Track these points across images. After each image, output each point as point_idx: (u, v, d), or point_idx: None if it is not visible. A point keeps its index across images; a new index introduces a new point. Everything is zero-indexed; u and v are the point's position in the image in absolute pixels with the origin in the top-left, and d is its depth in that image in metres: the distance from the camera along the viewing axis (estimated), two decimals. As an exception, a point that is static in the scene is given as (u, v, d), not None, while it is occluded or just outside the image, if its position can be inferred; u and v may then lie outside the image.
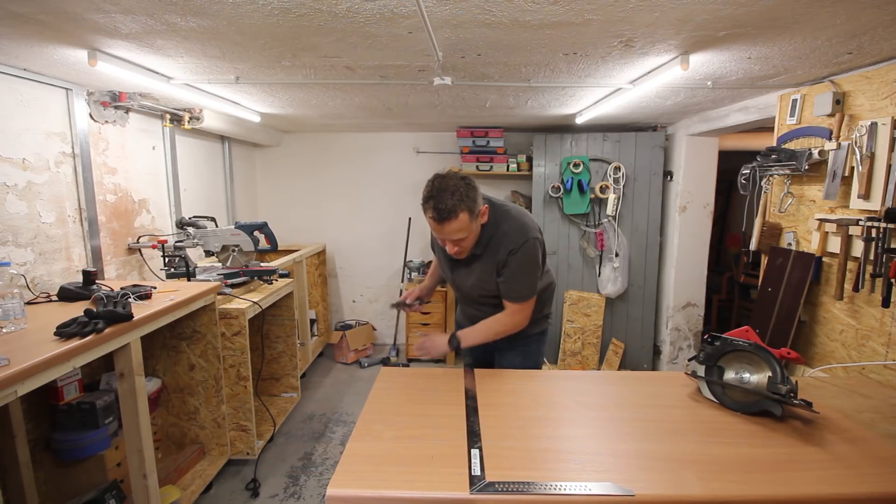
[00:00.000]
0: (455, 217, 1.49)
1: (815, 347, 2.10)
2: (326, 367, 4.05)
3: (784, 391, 1.23)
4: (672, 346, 3.72)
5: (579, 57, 1.86)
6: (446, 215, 1.49)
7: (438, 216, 1.50)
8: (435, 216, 1.50)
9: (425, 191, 1.54)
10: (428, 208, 1.52)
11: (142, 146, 2.84)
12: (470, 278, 1.74)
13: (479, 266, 1.70)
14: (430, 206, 1.50)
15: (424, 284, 2.08)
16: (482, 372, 1.63)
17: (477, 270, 1.71)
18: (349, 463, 1.06)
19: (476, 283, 1.74)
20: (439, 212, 1.49)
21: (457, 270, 1.78)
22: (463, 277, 1.77)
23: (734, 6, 1.34)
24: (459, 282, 1.82)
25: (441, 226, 1.52)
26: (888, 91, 1.76)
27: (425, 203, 1.53)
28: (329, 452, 2.73)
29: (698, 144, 3.46)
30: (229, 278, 2.59)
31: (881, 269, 1.70)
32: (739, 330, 1.74)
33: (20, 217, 2.03)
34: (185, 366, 2.34)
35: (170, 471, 2.19)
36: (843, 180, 1.92)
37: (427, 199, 1.52)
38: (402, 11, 1.40)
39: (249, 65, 1.99)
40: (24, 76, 2.04)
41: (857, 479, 1.01)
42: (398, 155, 4.35)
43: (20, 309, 1.56)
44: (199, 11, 1.40)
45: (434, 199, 1.50)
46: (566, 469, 1.05)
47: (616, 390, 1.48)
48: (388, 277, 4.53)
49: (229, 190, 3.89)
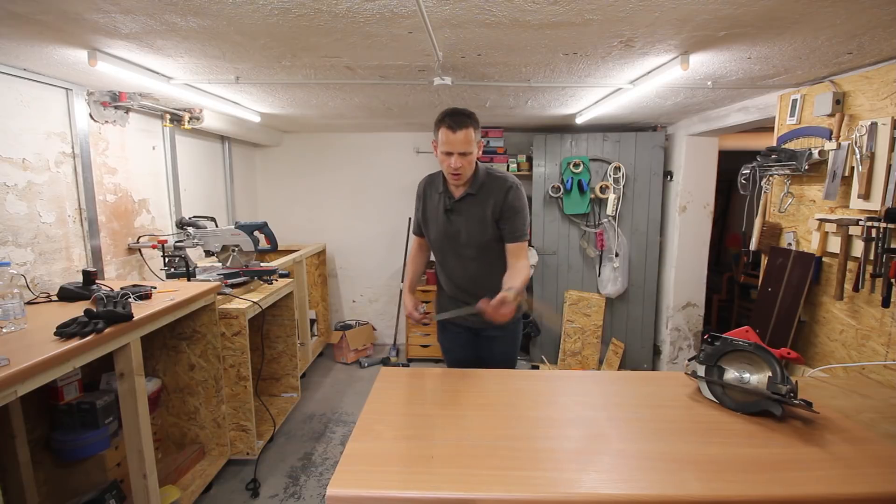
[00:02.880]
0: (466, 127, 1.67)
1: (815, 347, 2.10)
2: (326, 367, 4.05)
3: (784, 391, 1.23)
4: (672, 346, 3.72)
5: (579, 57, 1.86)
6: (460, 124, 1.66)
7: (454, 124, 1.66)
8: (451, 124, 1.66)
9: (441, 112, 1.71)
10: (443, 121, 1.68)
11: (142, 146, 2.84)
12: (468, 225, 1.82)
13: (478, 209, 1.80)
14: (446, 117, 1.68)
15: (410, 280, 2.06)
16: (482, 372, 1.63)
17: (475, 215, 1.80)
18: (349, 463, 1.06)
19: (474, 230, 1.82)
20: (455, 121, 1.66)
21: (452, 223, 1.84)
22: (458, 228, 1.84)
23: (734, 6, 1.34)
24: (453, 235, 1.85)
25: (454, 134, 1.66)
26: (888, 91, 1.76)
27: (440, 119, 1.69)
28: (329, 452, 2.73)
29: (698, 144, 3.46)
30: (229, 278, 2.59)
31: (881, 269, 1.70)
32: (739, 330, 1.75)
33: (20, 217, 2.03)
34: (185, 366, 2.34)
35: (170, 471, 2.19)
36: (843, 180, 1.92)
37: (442, 115, 1.70)
38: (402, 11, 1.40)
39: (249, 65, 1.99)
40: (24, 76, 2.04)
41: (857, 479, 1.01)
42: (398, 155, 4.35)
43: (20, 309, 1.56)
44: (199, 11, 1.40)
45: (449, 114, 1.69)
46: (566, 469, 1.05)
47: (616, 390, 1.48)
48: (388, 277, 4.53)
49: (229, 190, 3.89)
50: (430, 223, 1.92)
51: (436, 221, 1.89)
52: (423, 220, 1.95)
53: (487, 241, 1.82)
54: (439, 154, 1.73)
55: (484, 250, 1.84)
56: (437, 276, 2.06)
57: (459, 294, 1.94)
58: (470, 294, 1.87)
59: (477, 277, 1.89)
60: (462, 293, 1.93)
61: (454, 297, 1.96)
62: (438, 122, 1.70)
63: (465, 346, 2.02)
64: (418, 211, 1.97)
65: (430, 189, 1.92)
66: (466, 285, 1.92)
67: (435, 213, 1.89)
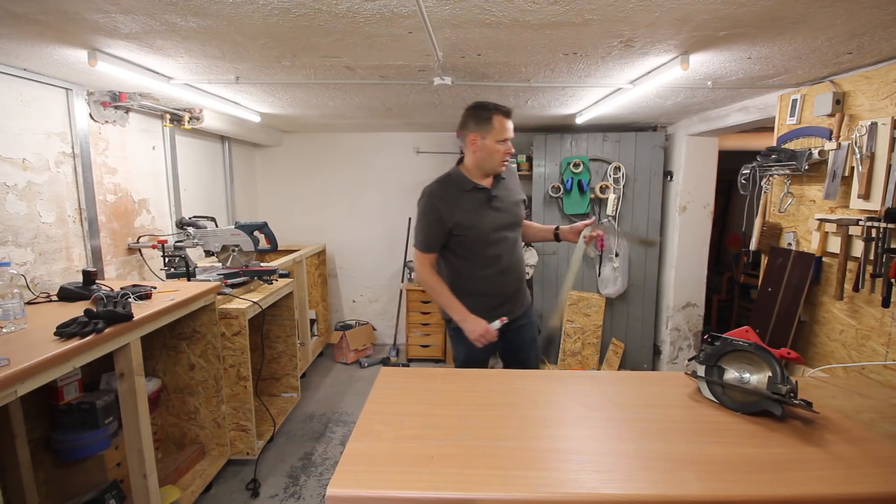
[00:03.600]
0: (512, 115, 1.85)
1: (815, 347, 2.10)
2: (326, 367, 4.05)
3: (784, 391, 1.23)
4: (672, 346, 3.72)
5: (579, 57, 1.86)
6: (509, 113, 1.83)
7: (508, 112, 1.82)
8: (506, 112, 1.82)
9: (480, 106, 1.83)
10: (496, 110, 1.80)
11: (142, 146, 2.84)
12: (511, 207, 1.95)
13: (510, 190, 1.97)
14: (499, 108, 1.81)
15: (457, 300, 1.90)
16: (481, 372, 1.63)
17: (511, 196, 1.96)
18: (349, 463, 1.06)
19: (516, 210, 1.97)
20: (506, 110, 1.82)
21: (500, 211, 1.92)
22: (506, 213, 1.93)
23: (734, 6, 1.34)
24: (504, 222, 1.92)
25: (508, 120, 1.82)
26: (888, 91, 1.76)
27: (491, 109, 1.80)
28: (329, 452, 2.73)
29: (698, 144, 3.46)
30: (229, 278, 2.59)
31: (881, 269, 1.70)
32: (739, 330, 1.74)
33: (20, 217, 2.03)
34: (185, 366, 2.34)
35: (170, 471, 2.19)
36: (843, 180, 1.92)
37: (490, 106, 1.81)
38: (402, 11, 1.40)
39: (249, 65, 1.99)
40: (24, 76, 2.04)
41: (857, 479, 1.01)
42: (398, 155, 4.35)
43: (20, 309, 1.56)
44: (199, 11, 1.40)
45: (495, 105, 1.82)
46: (566, 469, 1.05)
47: (616, 390, 1.48)
48: (388, 277, 4.53)
49: (229, 190, 3.89)
50: (476, 222, 1.87)
51: (483, 217, 1.88)
52: (456, 225, 1.86)
53: (522, 220, 2.01)
54: (491, 142, 1.81)
55: (519, 231, 2.01)
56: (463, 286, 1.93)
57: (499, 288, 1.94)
58: (510, 288, 1.97)
59: (520, 262, 2.01)
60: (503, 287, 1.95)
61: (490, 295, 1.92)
62: (489, 112, 1.80)
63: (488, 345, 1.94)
64: (445, 221, 1.85)
65: (454, 192, 1.88)
66: (511, 275, 1.97)
67: (477, 209, 1.87)
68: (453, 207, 1.86)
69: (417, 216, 1.95)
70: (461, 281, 1.93)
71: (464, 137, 1.87)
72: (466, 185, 1.88)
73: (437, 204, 1.86)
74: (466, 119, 1.86)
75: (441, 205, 1.86)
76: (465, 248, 1.90)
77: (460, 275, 1.94)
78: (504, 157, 1.85)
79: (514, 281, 1.99)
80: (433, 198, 1.88)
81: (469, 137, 1.84)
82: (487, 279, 1.92)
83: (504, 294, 1.96)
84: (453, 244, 1.91)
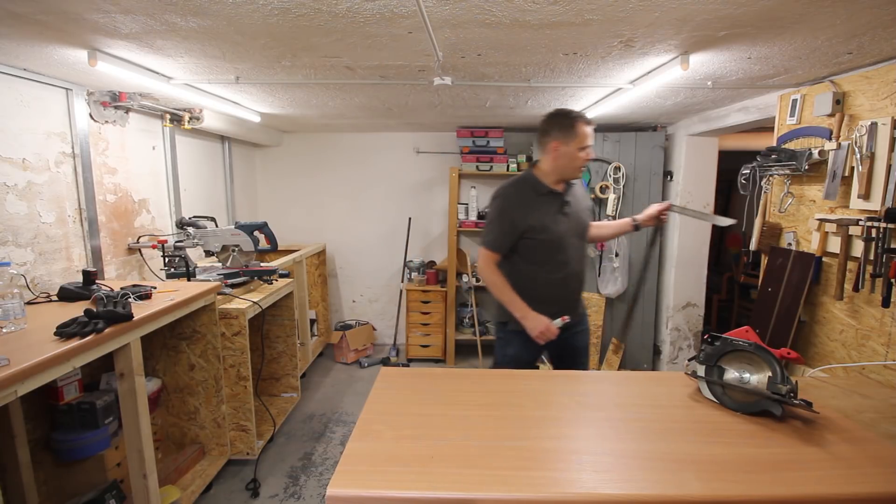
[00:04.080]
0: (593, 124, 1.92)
1: (815, 347, 2.10)
2: (326, 367, 4.05)
3: (784, 391, 1.23)
4: (672, 346, 3.72)
5: (579, 57, 1.86)
6: (591, 122, 1.89)
7: (590, 121, 1.88)
8: (587, 120, 1.87)
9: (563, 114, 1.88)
10: (578, 118, 1.86)
11: (142, 146, 2.84)
12: (583, 213, 2.02)
13: (579, 197, 2.03)
14: (581, 116, 1.87)
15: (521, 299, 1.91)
16: (482, 372, 1.63)
17: (581, 203, 2.03)
18: (349, 463, 1.06)
19: (586, 216, 2.04)
20: (589, 120, 1.88)
21: (571, 217, 1.96)
22: (577, 218, 1.99)
23: (734, 6, 1.34)
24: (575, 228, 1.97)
25: (589, 128, 1.87)
26: (888, 91, 1.76)
27: (574, 117, 1.86)
28: (329, 452, 2.73)
29: (698, 144, 3.46)
30: (229, 278, 2.59)
31: (881, 269, 1.70)
32: (739, 330, 1.74)
33: (20, 217, 2.03)
34: (185, 366, 2.34)
35: (170, 471, 2.19)
36: (843, 180, 1.92)
37: (575, 115, 1.87)
38: (402, 11, 1.40)
39: (249, 65, 1.99)
40: (24, 76, 2.04)
41: (857, 479, 1.01)
42: (398, 155, 4.35)
43: (20, 309, 1.56)
44: (199, 11, 1.40)
45: (576, 113, 1.88)
46: (566, 469, 1.05)
47: (616, 390, 1.48)
48: (388, 277, 4.53)
49: (229, 190, 3.89)
50: (549, 226, 1.91)
51: (556, 221, 1.92)
52: (529, 228, 1.89)
53: (588, 228, 2.07)
54: (574, 149, 1.86)
55: (586, 239, 2.07)
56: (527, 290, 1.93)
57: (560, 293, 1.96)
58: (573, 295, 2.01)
59: (583, 270, 2.05)
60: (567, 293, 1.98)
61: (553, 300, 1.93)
62: (572, 120, 1.85)
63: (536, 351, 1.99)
64: (517, 224, 1.89)
65: (528, 196, 1.92)
66: (574, 282, 2.01)
67: (551, 214, 1.92)
68: (527, 210, 1.90)
69: (490, 216, 1.98)
70: (526, 285, 1.93)
71: (545, 144, 1.92)
72: (541, 189, 1.92)
73: (512, 207, 1.91)
74: (549, 126, 1.90)
75: (515, 208, 1.90)
76: (534, 252, 1.92)
77: (525, 278, 1.94)
78: (583, 164, 1.90)
79: (576, 288, 2.04)
80: (507, 200, 1.93)
81: (551, 144, 1.88)
82: (553, 284, 1.94)
83: (567, 300, 1.99)
84: (522, 248, 1.93)
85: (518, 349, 1.99)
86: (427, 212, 4.42)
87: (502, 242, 1.93)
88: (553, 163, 1.91)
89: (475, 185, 4.20)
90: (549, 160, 1.92)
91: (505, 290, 1.93)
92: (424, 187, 4.39)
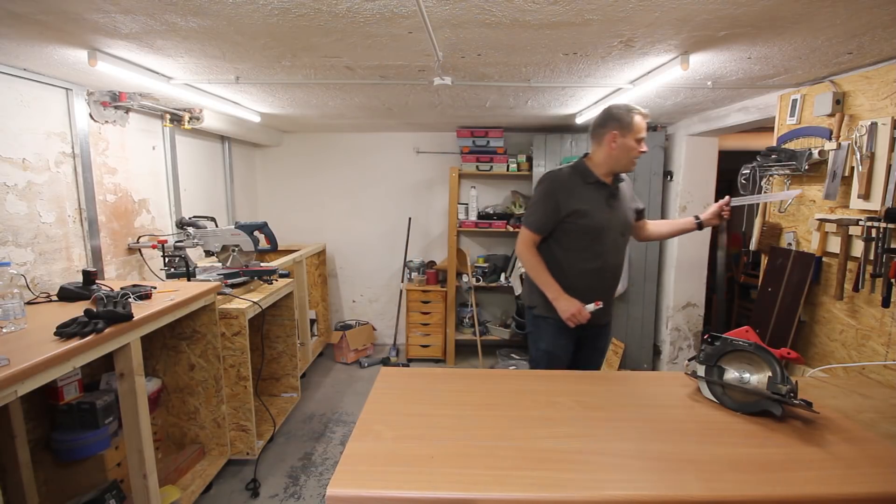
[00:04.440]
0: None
1: (815, 347, 2.10)
2: (326, 367, 4.05)
3: (784, 391, 1.23)
4: (672, 346, 3.72)
5: (579, 57, 1.86)
6: (647, 116, 1.91)
7: (646, 115, 1.90)
8: (643, 113, 1.89)
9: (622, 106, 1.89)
10: (637, 112, 1.88)
11: (142, 146, 2.84)
12: (627, 209, 2.03)
13: (625, 194, 2.04)
14: (638, 110, 1.88)
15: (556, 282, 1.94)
16: (482, 372, 1.63)
17: (626, 199, 2.04)
18: (349, 463, 1.06)
19: (630, 213, 2.04)
20: (646, 113, 1.90)
21: (615, 210, 1.98)
22: (621, 213, 2.00)
23: (734, 6, 1.34)
24: (618, 221, 1.98)
25: (645, 121, 1.89)
26: (888, 91, 1.76)
27: (633, 110, 1.87)
28: (329, 452, 2.73)
29: (698, 144, 3.46)
30: (229, 278, 2.59)
31: (881, 269, 1.70)
32: (739, 330, 1.75)
33: (20, 217, 2.03)
34: (185, 366, 2.34)
35: (170, 471, 2.19)
36: (843, 180, 1.92)
37: (633, 108, 1.88)
38: (402, 11, 1.40)
39: (249, 65, 1.99)
40: (24, 76, 2.04)
41: (857, 479, 1.01)
42: (398, 155, 4.35)
43: (20, 309, 1.56)
44: (199, 11, 1.40)
45: (631, 106, 1.89)
46: (566, 469, 1.05)
47: (616, 390, 1.48)
48: (388, 277, 4.53)
49: (229, 190, 3.89)
50: (592, 213, 1.93)
51: (600, 210, 1.94)
52: (573, 212, 1.91)
53: (631, 226, 2.07)
54: (630, 140, 1.88)
55: (629, 236, 2.07)
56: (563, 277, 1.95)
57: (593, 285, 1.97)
58: (604, 285, 2.01)
59: (620, 268, 2.04)
60: (601, 286, 1.99)
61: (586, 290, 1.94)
62: (630, 112, 1.87)
63: (569, 342, 2.03)
64: (560, 207, 1.91)
65: (576, 182, 1.95)
66: (610, 277, 2.02)
67: (596, 202, 1.94)
68: (573, 195, 1.92)
69: (535, 198, 2.01)
70: (562, 271, 1.96)
71: (601, 135, 1.93)
72: (589, 178, 1.95)
73: (558, 190, 1.94)
74: (606, 119, 1.92)
75: (561, 191, 1.93)
76: (574, 239, 1.95)
77: (562, 265, 1.97)
78: (638, 156, 1.92)
79: (611, 284, 2.05)
80: (555, 183, 1.96)
81: (608, 136, 1.90)
82: (588, 274, 1.96)
83: (599, 291, 1.99)
84: (561, 233, 1.96)
85: (549, 342, 2.02)
86: (427, 212, 4.42)
87: (544, 224, 1.95)
88: (608, 153, 1.92)
89: (475, 185, 4.20)
90: (604, 151, 1.93)
91: (541, 271, 1.95)
92: (424, 187, 4.39)
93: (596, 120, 1.96)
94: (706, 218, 2.06)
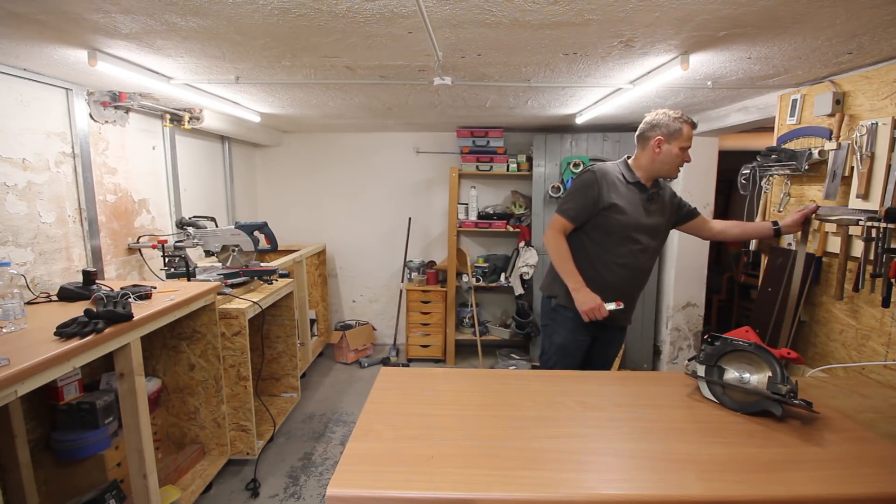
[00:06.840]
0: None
1: (815, 347, 2.10)
2: (326, 367, 4.05)
3: (784, 391, 1.23)
4: (672, 346, 3.72)
5: (579, 57, 1.86)
6: (696, 125, 1.92)
7: (695, 125, 1.92)
8: (693, 123, 1.91)
9: (671, 113, 1.90)
10: (686, 121, 1.89)
11: (142, 146, 2.84)
12: (661, 216, 2.03)
13: (663, 202, 2.04)
14: (689, 119, 1.89)
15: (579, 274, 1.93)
16: (482, 372, 1.63)
17: (662, 206, 2.03)
18: (349, 463, 1.06)
19: (664, 221, 2.04)
20: (695, 123, 1.92)
21: (650, 214, 1.99)
22: (656, 217, 2.00)
23: (734, 6, 1.34)
24: (650, 225, 1.98)
25: (693, 131, 1.91)
26: (888, 91, 1.76)
27: (682, 118, 1.88)
28: (329, 452, 2.73)
29: (698, 144, 3.43)
30: (229, 278, 2.59)
31: (881, 269, 1.70)
32: (739, 330, 1.74)
33: (20, 217, 2.03)
34: (185, 366, 2.34)
35: (170, 471, 2.19)
36: (843, 180, 1.92)
37: (683, 116, 1.89)
38: (402, 11, 1.40)
39: (249, 65, 1.99)
40: (24, 76, 2.04)
41: (857, 479, 1.01)
42: (398, 155, 4.35)
43: (20, 309, 1.56)
44: (199, 11, 1.40)
45: (685, 114, 1.90)
46: (566, 469, 1.05)
47: (616, 390, 1.48)
48: (388, 277, 4.53)
49: (229, 190, 3.89)
50: (629, 212, 1.94)
51: (636, 211, 1.95)
52: (611, 206, 1.92)
53: (664, 234, 2.07)
54: (675, 147, 1.89)
55: (660, 243, 2.07)
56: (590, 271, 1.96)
57: (617, 284, 1.97)
58: (631, 292, 2.02)
59: (647, 272, 2.04)
60: (625, 286, 1.99)
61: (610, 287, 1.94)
62: (680, 120, 1.88)
63: (584, 339, 2.04)
64: (599, 200, 1.92)
65: (616, 178, 1.96)
66: (636, 279, 2.03)
67: (634, 203, 1.95)
68: (613, 190, 1.94)
69: (574, 187, 2.00)
70: (591, 264, 1.97)
71: (648, 139, 1.94)
72: (630, 178, 1.97)
73: (600, 181, 1.94)
74: (655, 123, 1.92)
75: (603, 183, 1.94)
76: (606, 234, 1.95)
77: (591, 258, 1.97)
78: (681, 164, 1.93)
79: (636, 286, 2.06)
80: (598, 175, 1.96)
81: (654, 141, 1.91)
82: (615, 270, 1.96)
83: (623, 293, 1.98)
84: (593, 227, 1.96)
85: (565, 336, 2.02)
86: (427, 212, 4.42)
87: (579, 213, 1.95)
88: (652, 158, 1.93)
89: (475, 185, 4.20)
90: (648, 156, 1.94)
91: (566, 259, 1.94)
92: (424, 187, 4.39)
93: (643, 124, 1.97)
94: (787, 225, 2.03)
